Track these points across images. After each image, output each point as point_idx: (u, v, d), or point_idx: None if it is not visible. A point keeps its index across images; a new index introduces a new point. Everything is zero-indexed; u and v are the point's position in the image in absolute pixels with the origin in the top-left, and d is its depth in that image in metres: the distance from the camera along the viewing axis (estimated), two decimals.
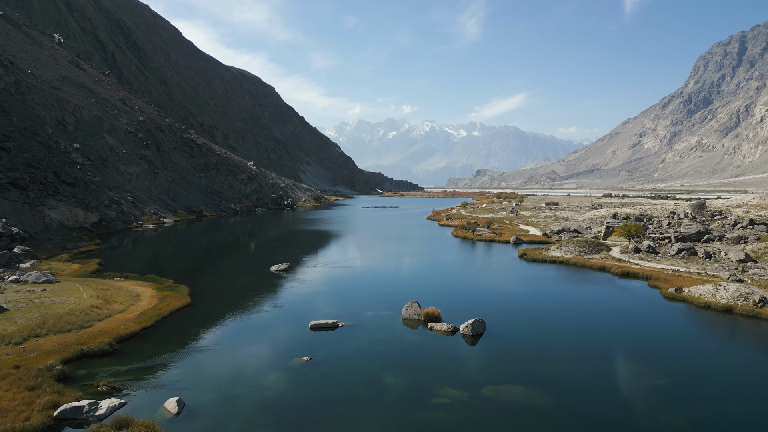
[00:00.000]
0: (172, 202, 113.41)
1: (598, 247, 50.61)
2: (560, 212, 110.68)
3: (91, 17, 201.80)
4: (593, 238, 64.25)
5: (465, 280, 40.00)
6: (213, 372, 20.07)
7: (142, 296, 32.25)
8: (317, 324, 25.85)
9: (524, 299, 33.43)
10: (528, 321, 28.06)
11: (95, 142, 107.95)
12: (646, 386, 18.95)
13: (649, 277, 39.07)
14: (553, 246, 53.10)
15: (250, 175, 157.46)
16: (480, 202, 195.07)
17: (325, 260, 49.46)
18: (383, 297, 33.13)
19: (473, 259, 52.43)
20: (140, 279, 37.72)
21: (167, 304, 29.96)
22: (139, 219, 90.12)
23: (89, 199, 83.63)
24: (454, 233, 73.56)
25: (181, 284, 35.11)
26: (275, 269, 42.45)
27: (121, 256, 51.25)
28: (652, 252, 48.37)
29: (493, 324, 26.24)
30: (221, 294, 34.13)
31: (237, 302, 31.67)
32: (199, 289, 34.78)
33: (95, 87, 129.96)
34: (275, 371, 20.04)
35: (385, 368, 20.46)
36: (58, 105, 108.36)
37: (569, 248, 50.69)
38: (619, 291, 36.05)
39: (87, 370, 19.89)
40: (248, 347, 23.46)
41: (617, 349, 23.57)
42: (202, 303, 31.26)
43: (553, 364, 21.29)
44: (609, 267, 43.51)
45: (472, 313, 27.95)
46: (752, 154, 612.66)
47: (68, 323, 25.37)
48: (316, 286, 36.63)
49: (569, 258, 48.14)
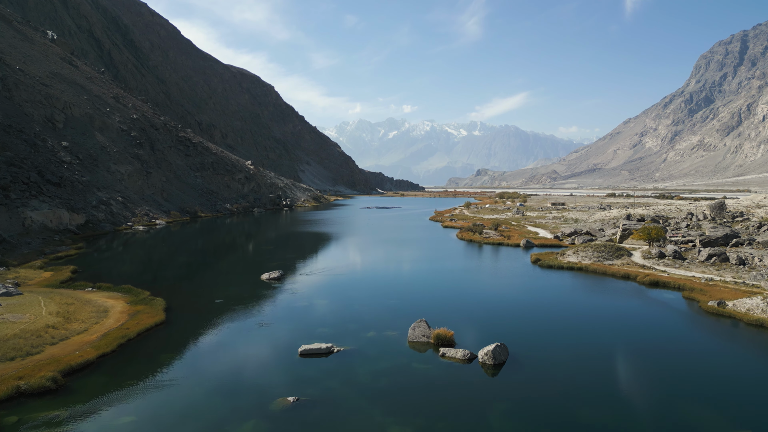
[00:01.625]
0: (165, 202, 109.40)
1: (618, 251, 46.56)
2: (568, 213, 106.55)
3: (87, 15, 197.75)
4: (608, 242, 60.25)
5: (476, 291, 35.84)
6: (173, 419, 16.07)
7: (111, 312, 28.25)
8: (308, 350, 21.81)
9: (546, 315, 29.31)
10: (555, 344, 23.93)
11: (85, 141, 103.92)
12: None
13: (682, 288, 35.03)
14: (568, 251, 49.03)
15: (248, 174, 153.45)
16: (483, 202, 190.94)
17: (321, 266, 45.43)
18: (386, 312, 29.09)
19: (483, 265, 48.40)
20: (114, 290, 33.72)
21: (137, 323, 25.96)
22: (130, 220, 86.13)
23: (76, 199, 79.64)
24: (460, 235, 69.55)
25: (157, 297, 31.09)
26: (266, 278, 38.45)
27: (101, 262, 47.26)
28: (679, 257, 44.32)
29: (515, 348, 22.21)
30: (202, 308, 30.11)
31: (218, 319, 27.63)
32: (177, 302, 30.79)
33: (87, 84, 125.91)
34: (252, 418, 16.01)
35: (389, 413, 16.44)
36: (47, 102, 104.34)
37: (587, 253, 46.65)
38: (653, 304, 31.95)
39: (18, 416, 15.91)
40: (223, 381, 19.36)
41: (669, 383, 19.49)
42: (178, 320, 27.26)
43: (593, 405, 17.29)
44: (634, 275, 39.46)
45: (489, 333, 23.98)
46: (754, 154, 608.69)
47: (13, 348, 21.38)
48: (309, 298, 32.55)
49: (588, 264, 44.12)
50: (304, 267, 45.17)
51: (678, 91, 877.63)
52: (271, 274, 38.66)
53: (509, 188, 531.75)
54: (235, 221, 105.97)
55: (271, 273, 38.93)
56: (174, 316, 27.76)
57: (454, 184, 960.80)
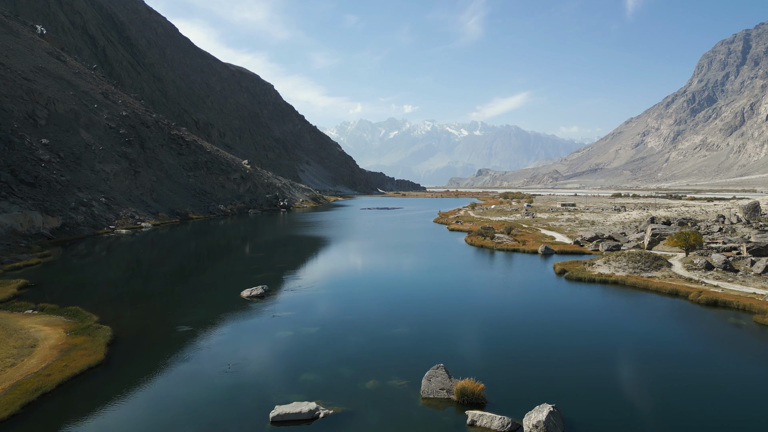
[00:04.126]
0: (154, 203, 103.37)
1: (656, 262, 40.39)
2: (581, 215, 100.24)
3: (81, 11, 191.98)
4: (638, 249, 54.10)
5: (502, 317, 28.97)
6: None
7: (40, 346, 22.15)
8: (284, 414, 15.64)
9: (598, 352, 22.59)
10: (624, 403, 17.37)
11: (69, 138, 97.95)
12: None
13: (749, 309, 28.86)
14: (597, 260, 42.85)
15: (244, 174, 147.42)
16: (487, 202, 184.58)
17: (312, 280, 39.25)
18: (390, 348, 22.84)
19: (501, 277, 42.17)
20: (58, 312, 27.62)
21: (65, 365, 19.87)
22: (113, 223, 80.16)
23: (52, 200, 73.65)
24: (469, 240, 63.41)
25: (105, 324, 24.98)
26: (247, 295, 32.37)
27: (61, 273, 41.17)
28: (730, 269, 38.17)
29: (571, 412, 16.07)
30: (158, 340, 23.95)
31: (172, 359, 21.44)
32: (130, 330, 24.70)
33: (74, 79, 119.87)
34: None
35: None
36: (29, 97, 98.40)
37: (620, 263, 40.50)
38: (729, 336, 25.65)
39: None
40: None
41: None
42: (122, 360, 21.13)
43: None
44: (684, 291, 33.29)
45: (530, 386, 17.86)
46: (758, 153, 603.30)
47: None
48: (295, 325, 26.29)
49: (623, 276, 37.96)
50: (293, 280, 39.00)
51: (680, 90, 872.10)
52: (253, 291, 32.56)
53: (511, 188, 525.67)
54: (228, 223, 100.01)
55: (254, 289, 32.81)
56: (118, 353, 21.62)
57: (455, 184, 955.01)
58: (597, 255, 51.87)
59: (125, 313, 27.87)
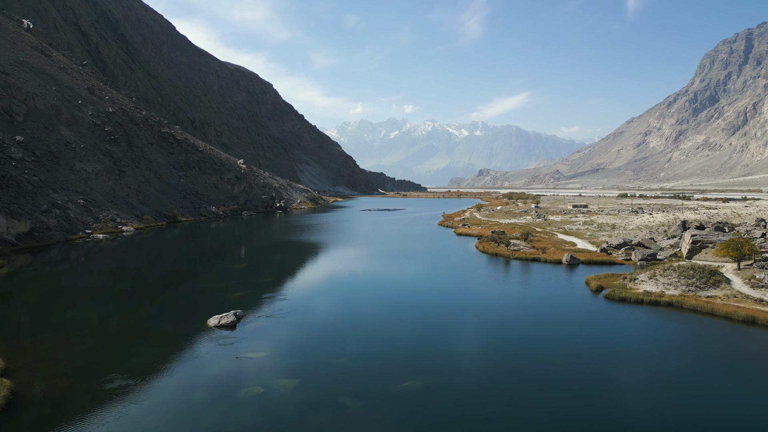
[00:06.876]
0: (140, 205, 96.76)
1: (713, 277, 33.70)
2: (596, 217, 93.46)
3: (74, 7, 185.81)
4: (673, 257, 47.47)
5: (537, 361, 21.40)
6: None
7: None
8: None
9: (689, 419, 16.38)
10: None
11: (47, 135, 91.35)
12: None
13: None
14: (639, 275, 36.13)
15: (239, 174, 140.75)
16: (492, 203, 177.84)
17: (297, 302, 32.35)
18: (395, 414, 16.22)
19: (525, 295, 35.35)
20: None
21: None
22: (90, 227, 73.51)
23: (21, 202, 67.07)
24: (480, 247, 56.68)
25: (10, 372, 18.27)
26: (215, 323, 25.72)
27: (5, 291, 34.49)
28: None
29: None
30: (68, 406, 17.00)
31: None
32: (38, 386, 17.99)
33: (58, 74, 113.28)
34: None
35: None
36: (5, 92, 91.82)
37: (669, 279, 33.83)
38: None
39: None
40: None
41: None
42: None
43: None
44: (763, 319, 26.65)
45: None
46: (761, 153, 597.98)
47: None
48: (264, 379, 19.13)
49: (676, 296, 31.30)
50: (275, 301, 32.21)
51: (682, 90, 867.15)
52: (222, 319, 25.89)
53: (512, 188, 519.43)
54: (220, 226, 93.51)
55: (223, 316, 26.14)
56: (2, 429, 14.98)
57: (456, 184, 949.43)
58: (630, 265, 45.29)
59: (46, 353, 21.17)
